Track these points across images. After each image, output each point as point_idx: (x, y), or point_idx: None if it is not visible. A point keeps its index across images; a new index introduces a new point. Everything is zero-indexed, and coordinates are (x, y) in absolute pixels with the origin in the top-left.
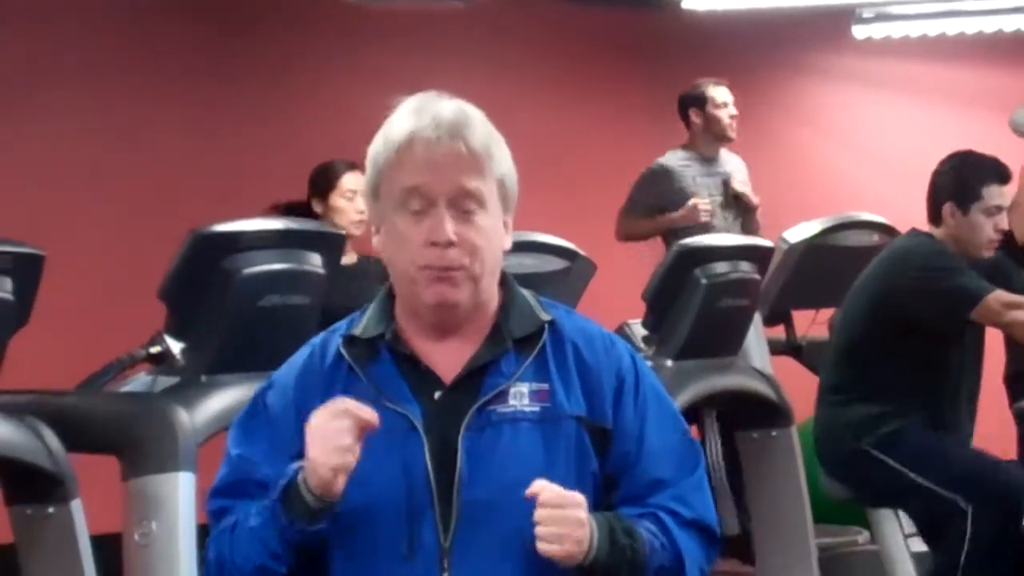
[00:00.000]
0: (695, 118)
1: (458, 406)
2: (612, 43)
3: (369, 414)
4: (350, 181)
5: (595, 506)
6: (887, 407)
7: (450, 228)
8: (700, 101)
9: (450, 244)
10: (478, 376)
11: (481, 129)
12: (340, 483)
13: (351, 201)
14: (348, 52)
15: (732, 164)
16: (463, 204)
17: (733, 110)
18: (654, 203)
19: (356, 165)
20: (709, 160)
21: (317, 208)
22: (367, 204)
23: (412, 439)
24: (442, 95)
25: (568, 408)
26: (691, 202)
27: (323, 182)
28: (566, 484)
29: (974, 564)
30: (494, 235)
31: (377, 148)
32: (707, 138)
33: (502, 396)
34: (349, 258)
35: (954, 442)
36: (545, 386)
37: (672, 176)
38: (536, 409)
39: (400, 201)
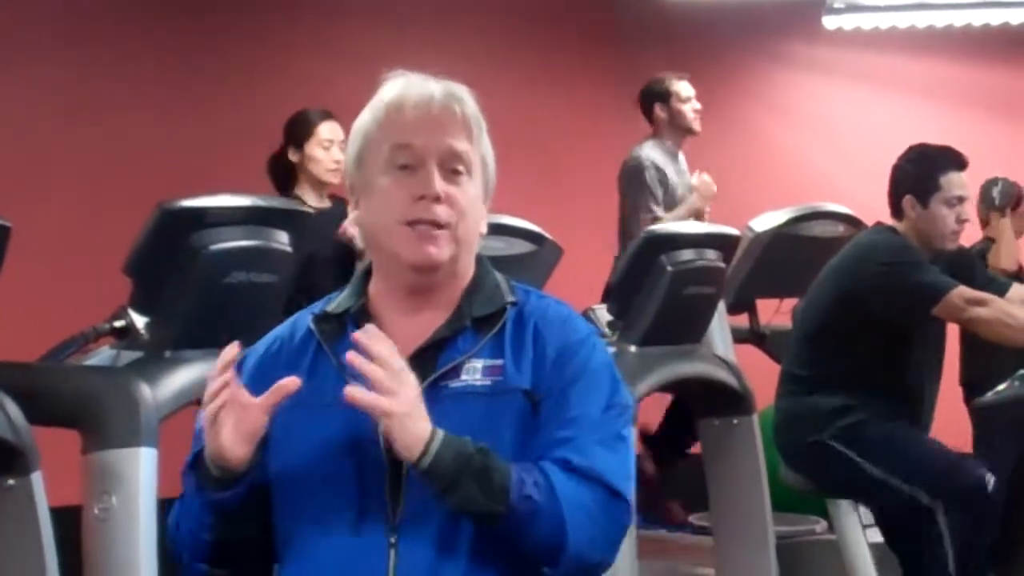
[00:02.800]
0: (660, 112)
1: None
2: (583, 30)
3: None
4: (326, 130)
5: None
6: (848, 400)
7: (439, 184)
8: (664, 96)
9: (438, 199)
10: (435, 352)
11: (472, 103)
12: (232, 452)
13: (327, 150)
14: (319, 31)
15: (684, 163)
16: (452, 164)
17: (697, 104)
18: (661, 194)
19: (331, 114)
20: (674, 157)
21: (293, 157)
22: (349, 175)
23: (366, 414)
24: (429, 76)
25: (517, 382)
26: (700, 179)
27: (299, 131)
28: (511, 456)
29: (960, 560)
30: (477, 206)
31: (364, 118)
32: (672, 132)
33: (455, 371)
34: (323, 203)
35: (916, 436)
36: (499, 362)
37: (659, 167)
38: (487, 383)
39: (388, 159)
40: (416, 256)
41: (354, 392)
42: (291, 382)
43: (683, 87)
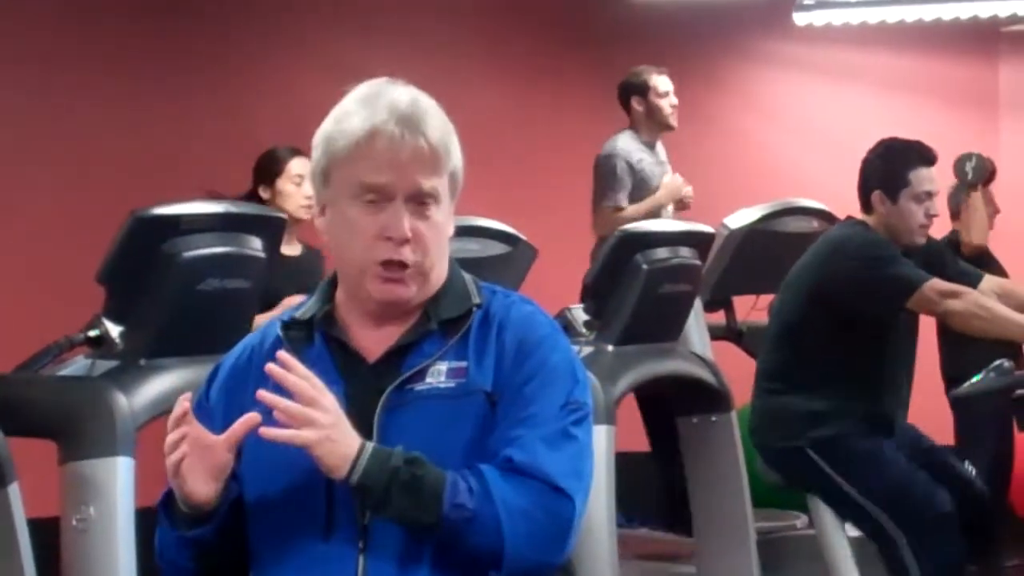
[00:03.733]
0: (637, 106)
1: (379, 386)
2: (554, 28)
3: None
4: (297, 166)
5: None
6: (823, 403)
7: (406, 225)
8: (642, 89)
9: (405, 241)
10: (401, 356)
11: (438, 123)
12: (200, 493)
13: (299, 187)
14: (290, 33)
15: (663, 153)
16: (420, 199)
17: (674, 99)
18: (630, 186)
19: (300, 151)
20: (651, 147)
21: (264, 195)
22: (314, 185)
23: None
24: (394, 81)
25: (479, 383)
26: (672, 177)
27: (270, 168)
28: (473, 457)
29: None
30: (444, 229)
31: (330, 133)
32: (648, 125)
33: (420, 375)
34: (293, 249)
35: (890, 459)
36: (463, 364)
37: (632, 159)
38: (451, 385)
39: (356, 194)
40: (382, 295)
41: (268, 432)
42: (252, 419)
43: (661, 81)
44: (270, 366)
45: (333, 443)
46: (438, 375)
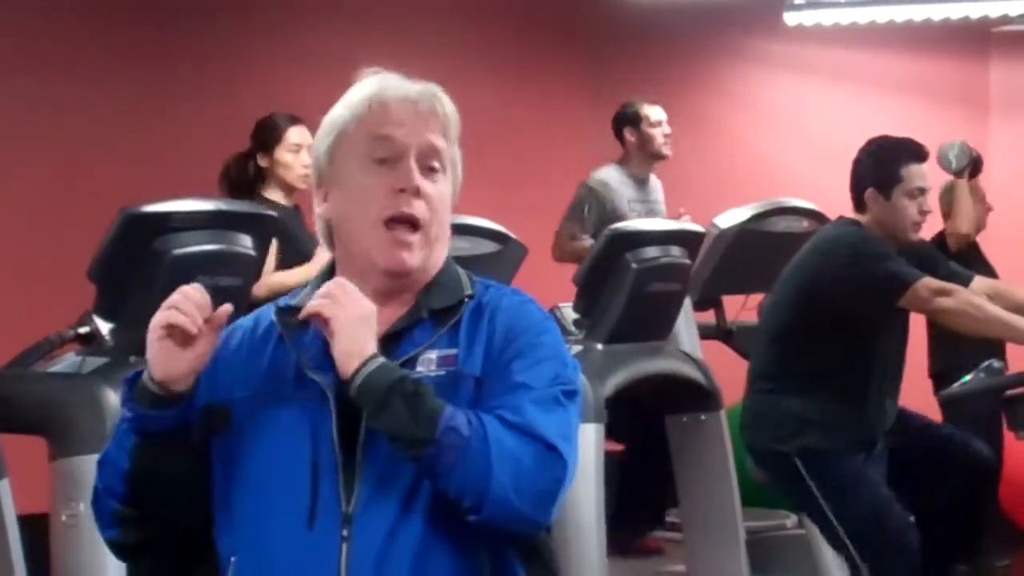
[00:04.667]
0: (629, 136)
1: None
2: (545, 28)
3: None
4: (295, 135)
5: None
6: (815, 408)
7: (419, 178)
8: (634, 120)
9: (418, 192)
10: (392, 344)
11: (450, 103)
12: (172, 369)
13: (297, 154)
14: (283, 31)
15: (658, 190)
16: (430, 161)
17: (667, 128)
18: (596, 220)
19: (299, 119)
20: (642, 182)
21: (262, 162)
22: (316, 171)
23: (324, 407)
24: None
25: (468, 369)
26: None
27: (268, 136)
28: None
29: None
30: (448, 204)
31: (338, 112)
32: (641, 156)
33: (411, 363)
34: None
35: (872, 488)
36: (453, 351)
37: (611, 194)
38: (442, 373)
39: (366, 152)
40: (389, 261)
41: (309, 305)
42: (227, 309)
43: (654, 112)
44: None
45: (356, 334)
46: (428, 363)
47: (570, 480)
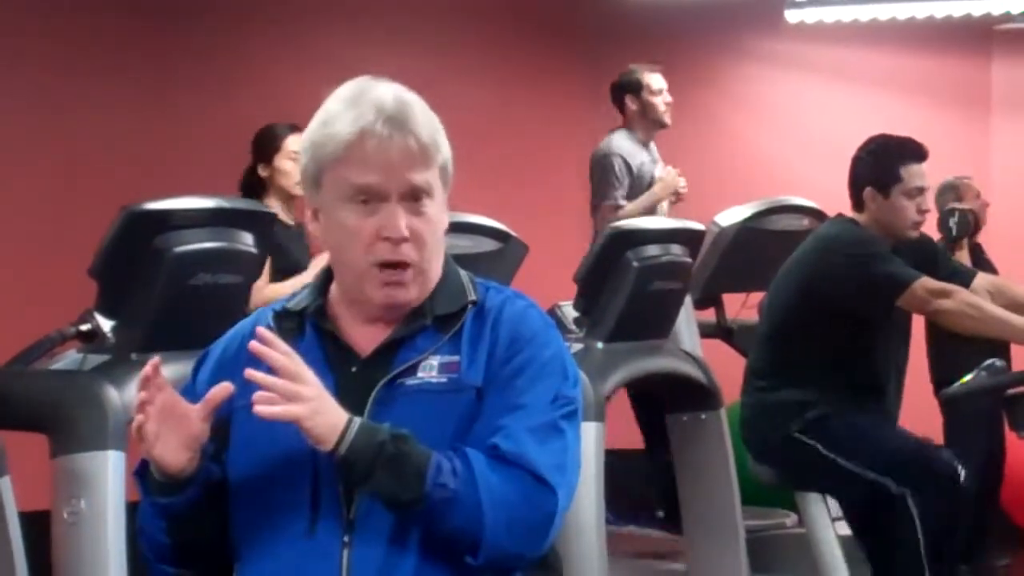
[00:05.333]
0: (631, 104)
1: (371, 380)
2: (545, 25)
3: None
4: (294, 143)
5: None
6: (814, 393)
7: (403, 224)
8: (635, 87)
9: (403, 240)
10: (393, 351)
11: (425, 119)
12: (171, 461)
13: (296, 163)
14: (285, 31)
15: (656, 152)
16: (413, 196)
17: (668, 96)
18: (628, 184)
19: (297, 127)
20: (645, 145)
21: (263, 173)
22: (305, 190)
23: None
24: (377, 79)
25: (471, 379)
26: (666, 171)
27: (267, 146)
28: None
29: (932, 547)
30: (439, 221)
31: (317, 138)
32: (643, 123)
33: (412, 370)
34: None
35: (882, 425)
36: (455, 359)
37: (630, 158)
38: (443, 381)
39: (349, 196)
40: (384, 299)
41: (261, 409)
42: (223, 388)
43: (655, 79)
44: (253, 344)
45: (321, 415)
46: (430, 369)
47: (564, 508)
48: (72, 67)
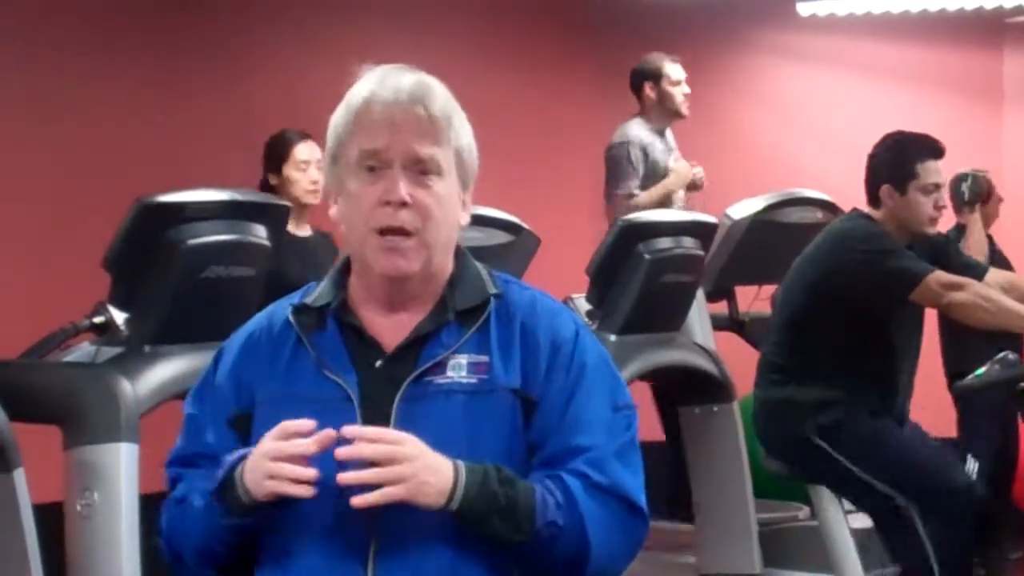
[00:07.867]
0: (649, 92)
1: (396, 376)
2: (557, 17)
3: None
4: (303, 151)
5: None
6: (828, 392)
7: (404, 189)
8: (655, 76)
9: (403, 204)
10: (418, 347)
11: (442, 98)
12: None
13: (304, 172)
14: (296, 22)
15: (672, 140)
16: (419, 168)
17: (686, 88)
18: (643, 172)
19: (308, 135)
20: (661, 134)
21: (273, 181)
22: (326, 172)
23: (348, 410)
24: (404, 68)
25: (505, 380)
26: (679, 163)
27: (277, 154)
28: (495, 457)
29: (946, 567)
30: (449, 204)
31: (338, 116)
32: (660, 112)
33: (440, 367)
34: (304, 231)
35: (897, 435)
36: (485, 358)
37: (644, 146)
38: (473, 381)
39: (357, 163)
40: (386, 267)
41: (357, 500)
42: (326, 435)
43: (674, 70)
44: (341, 451)
45: (427, 485)
46: (459, 369)
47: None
48: (86, 60)
